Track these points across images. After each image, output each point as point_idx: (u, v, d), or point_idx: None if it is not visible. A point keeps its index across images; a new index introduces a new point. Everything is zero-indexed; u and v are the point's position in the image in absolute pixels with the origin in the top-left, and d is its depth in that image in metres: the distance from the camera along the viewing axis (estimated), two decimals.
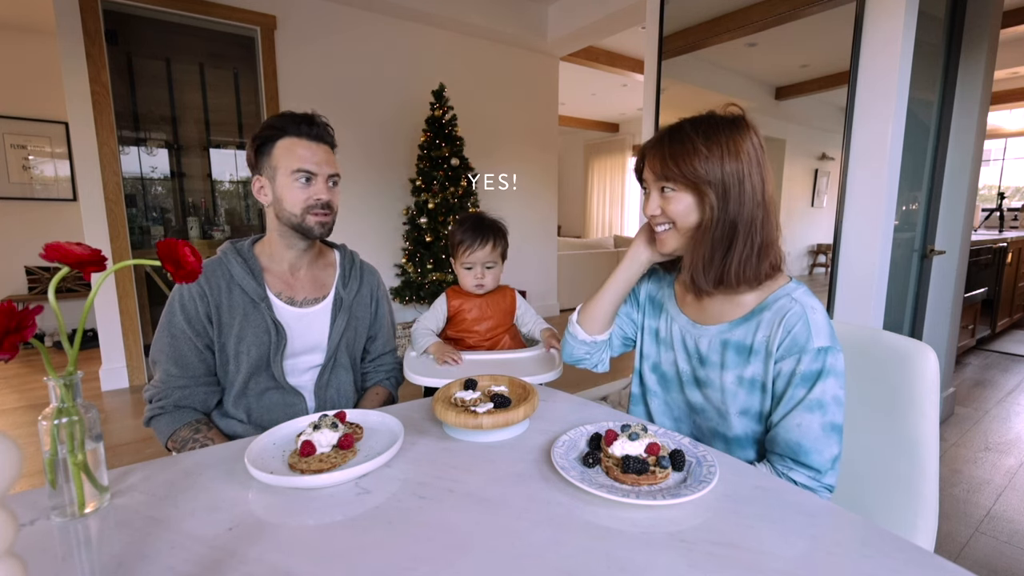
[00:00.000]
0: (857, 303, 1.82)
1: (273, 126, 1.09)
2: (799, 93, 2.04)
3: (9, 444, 0.33)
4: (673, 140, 0.86)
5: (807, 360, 0.80)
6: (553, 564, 0.52)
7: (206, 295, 1.09)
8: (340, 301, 1.21)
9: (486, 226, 1.46)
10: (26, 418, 2.66)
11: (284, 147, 1.08)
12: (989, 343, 4.12)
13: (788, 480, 0.80)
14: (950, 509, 1.87)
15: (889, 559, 0.52)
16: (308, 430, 0.74)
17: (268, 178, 1.11)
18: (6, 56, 3.88)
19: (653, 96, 2.43)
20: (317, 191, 1.10)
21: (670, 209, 0.87)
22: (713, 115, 0.87)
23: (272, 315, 1.11)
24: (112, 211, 2.95)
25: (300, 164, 1.08)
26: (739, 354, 0.87)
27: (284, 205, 1.10)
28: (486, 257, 1.44)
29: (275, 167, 1.09)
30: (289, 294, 1.17)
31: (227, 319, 1.09)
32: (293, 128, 1.09)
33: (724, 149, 0.82)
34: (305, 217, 1.10)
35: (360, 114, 3.72)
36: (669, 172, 0.85)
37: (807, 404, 0.80)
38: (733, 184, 0.83)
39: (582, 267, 5.69)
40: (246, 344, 1.09)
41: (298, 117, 1.10)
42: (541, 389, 1.06)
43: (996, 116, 6.02)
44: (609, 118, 8.28)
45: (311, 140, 1.10)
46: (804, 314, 0.82)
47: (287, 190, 1.09)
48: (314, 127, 1.11)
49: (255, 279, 1.12)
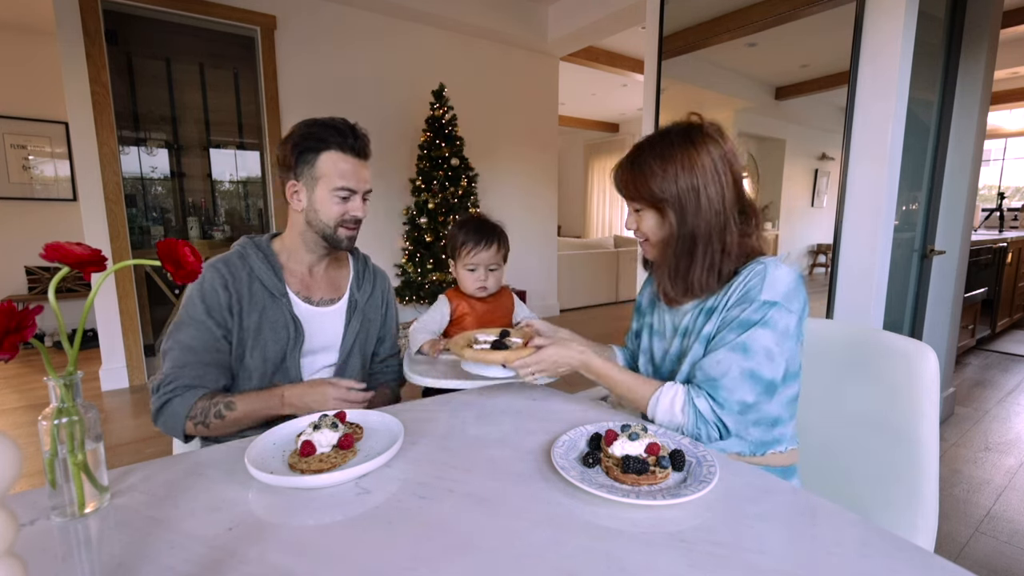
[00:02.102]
0: (857, 303, 1.82)
1: (318, 137, 1.08)
2: (799, 93, 2.04)
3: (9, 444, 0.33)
4: (632, 164, 0.92)
5: (750, 310, 0.83)
6: (553, 564, 0.52)
7: (228, 285, 1.08)
8: (355, 303, 1.23)
9: (489, 228, 1.44)
10: (26, 418, 2.66)
11: (328, 161, 1.09)
12: (989, 343, 4.12)
13: (691, 408, 0.83)
14: (950, 509, 1.87)
15: (889, 559, 0.52)
16: (308, 430, 0.74)
17: (306, 186, 1.11)
18: (6, 56, 3.88)
19: (653, 96, 2.43)
20: (354, 208, 1.12)
21: (642, 226, 0.95)
22: (670, 130, 0.91)
23: (291, 310, 1.12)
24: (112, 211, 2.95)
25: (343, 182, 1.09)
26: (704, 315, 0.91)
27: (320, 216, 1.11)
28: (490, 259, 1.42)
29: (316, 178, 1.09)
30: (306, 293, 1.18)
31: (247, 310, 1.09)
32: (339, 141, 1.08)
33: (678, 165, 0.87)
34: (337, 230, 1.13)
35: (360, 114, 3.69)
36: (631, 194, 0.93)
37: (732, 345, 0.83)
38: (689, 198, 0.87)
39: (582, 267, 5.69)
40: (263, 338, 1.09)
41: (343, 129, 1.09)
42: (541, 389, 1.06)
43: (996, 116, 6.02)
44: (609, 118, 8.28)
45: (355, 156, 1.11)
46: (764, 270, 0.85)
47: (325, 204, 1.10)
48: (358, 141, 1.11)
49: (276, 274, 1.13)
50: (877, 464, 0.91)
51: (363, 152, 1.13)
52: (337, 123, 1.10)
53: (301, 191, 1.11)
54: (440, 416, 0.91)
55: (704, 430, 0.82)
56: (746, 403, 0.82)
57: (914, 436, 0.86)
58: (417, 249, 3.74)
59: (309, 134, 1.09)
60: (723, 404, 0.82)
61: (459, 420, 0.90)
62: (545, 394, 1.03)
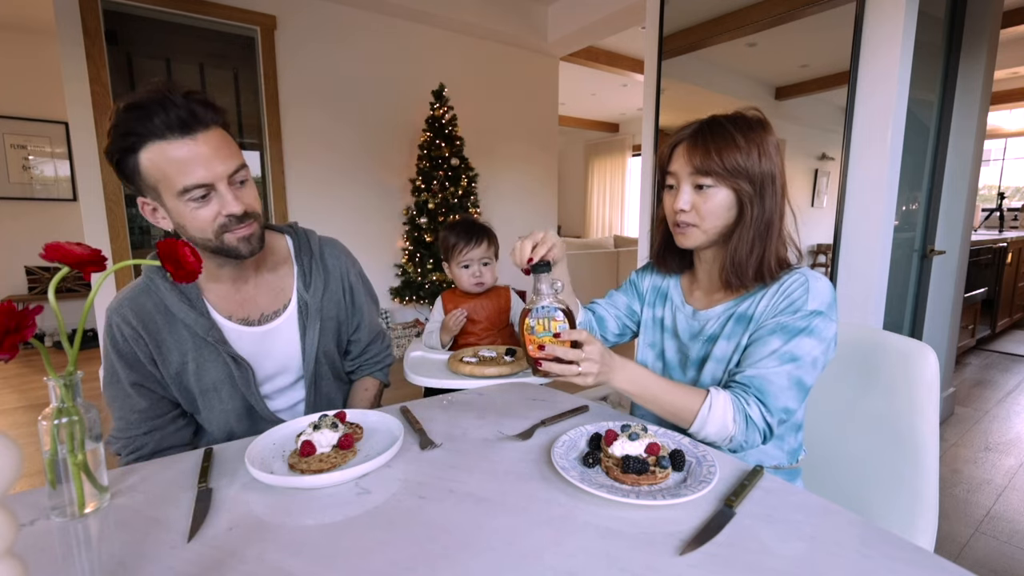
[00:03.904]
0: (857, 303, 1.82)
1: (124, 132, 0.78)
2: (799, 93, 2.04)
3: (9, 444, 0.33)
4: (714, 134, 0.84)
5: (796, 318, 0.82)
6: (553, 564, 0.52)
7: (141, 337, 0.88)
8: (305, 307, 1.00)
9: (477, 227, 1.51)
10: (26, 418, 2.66)
11: (152, 159, 0.79)
12: (989, 343, 4.12)
13: (742, 417, 0.79)
14: (950, 509, 1.87)
15: (889, 559, 0.52)
16: (308, 430, 0.74)
17: (155, 200, 0.84)
18: (6, 56, 3.88)
19: (653, 96, 2.43)
20: (224, 204, 0.83)
21: (704, 206, 0.85)
22: (741, 114, 0.87)
23: (228, 349, 0.92)
24: (112, 211, 2.95)
25: (184, 180, 0.79)
26: (739, 323, 0.88)
27: (189, 232, 0.85)
28: (482, 254, 1.48)
29: (154, 188, 0.82)
30: (242, 314, 0.96)
31: (176, 358, 0.91)
32: (153, 128, 0.77)
33: (759, 147, 0.83)
34: (223, 238, 0.85)
35: (360, 114, 3.72)
36: (712, 165, 0.83)
37: (781, 354, 0.81)
38: (768, 181, 0.84)
39: (582, 267, 5.69)
40: (210, 382, 0.93)
41: (153, 105, 0.77)
42: (541, 390, 1.06)
43: (996, 116, 6.02)
44: (609, 118, 8.28)
45: (183, 136, 0.78)
46: (807, 281, 0.84)
47: (184, 215, 0.83)
48: (174, 113, 0.77)
49: (194, 307, 0.91)
50: (877, 464, 0.91)
51: (194, 123, 0.79)
52: (140, 99, 0.78)
53: (158, 207, 0.85)
54: (440, 416, 0.91)
55: (752, 438, 0.80)
56: (790, 409, 0.81)
57: (914, 436, 0.86)
58: (417, 249, 3.74)
59: (116, 131, 0.79)
60: (772, 411, 0.80)
61: (459, 420, 0.90)
62: (545, 394, 1.03)
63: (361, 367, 1.17)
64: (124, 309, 0.88)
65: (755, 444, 0.81)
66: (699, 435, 0.81)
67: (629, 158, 8.22)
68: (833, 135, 1.85)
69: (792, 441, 0.92)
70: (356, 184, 3.77)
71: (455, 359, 1.24)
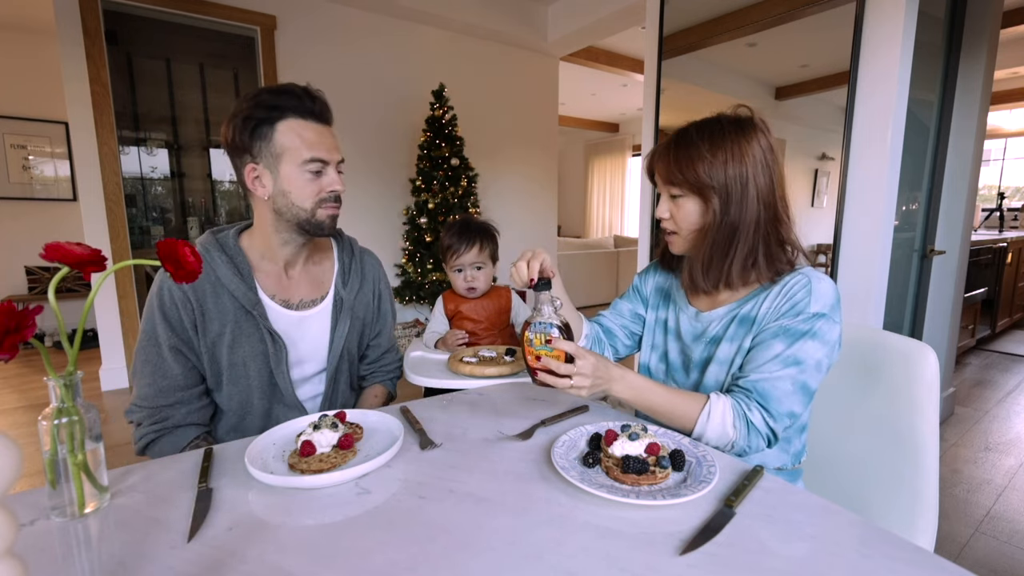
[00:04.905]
0: (857, 303, 1.82)
1: (270, 105, 0.92)
2: (799, 93, 2.04)
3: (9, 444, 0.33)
4: (679, 146, 0.87)
5: (798, 320, 0.81)
6: (553, 564, 0.52)
7: (189, 301, 0.95)
8: (340, 303, 1.09)
9: (473, 229, 1.49)
10: (26, 418, 2.66)
11: (288, 131, 0.93)
12: (989, 343, 4.12)
13: (743, 422, 0.79)
14: (950, 509, 1.87)
15: (889, 559, 0.52)
16: (308, 430, 0.74)
17: (268, 167, 0.95)
18: (6, 56, 3.88)
19: (653, 96, 2.43)
20: (331, 182, 0.98)
21: (678, 214, 0.90)
22: (720, 118, 0.88)
23: (267, 324, 0.98)
24: (112, 211, 2.95)
25: (312, 152, 0.94)
26: (742, 325, 0.88)
27: (292, 199, 0.96)
28: (474, 259, 1.46)
29: (278, 155, 0.94)
30: (284, 296, 1.03)
31: (216, 327, 0.96)
32: (296, 107, 0.94)
33: (728, 153, 0.83)
34: (316, 212, 0.98)
35: (360, 114, 3.72)
36: (674, 177, 0.87)
37: (784, 358, 0.81)
38: (736, 188, 0.84)
39: (582, 267, 5.69)
40: (241, 356, 0.97)
41: (299, 92, 0.94)
42: (541, 390, 1.06)
43: (996, 116, 6.02)
44: (609, 118, 8.28)
45: (317, 121, 0.96)
46: (809, 283, 0.83)
47: (295, 183, 0.95)
48: (316, 103, 0.96)
49: (244, 281, 0.98)
50: (877, 464, 0.91)
51: (325, 116, 0.98)
52: (293, 87, 0.95)
53: (263, 174, 0.96)
54: (440, 416, 0.91)
55: (755, 443, 0.80)
56: (795, 414, 0.81)
57: (914, 436, 0.86)
58: (417, 249, 3.74)
59: (259, 103, 0.93)
60: (776, 417, 0.80)
61: (459, 420, 0.90)
62: (545, 394, 1.03)
63: (374, 373, 1.23)
64: None
65: (759, 449, 0.81)
66: (700, 441, 0.81)
67: (629, 158, 8.22)
68: (833, 135, 1.85)
69: (797, 443, 0.92)
70: (356, 184, 3.77)
71: (455, 359, 1.24)
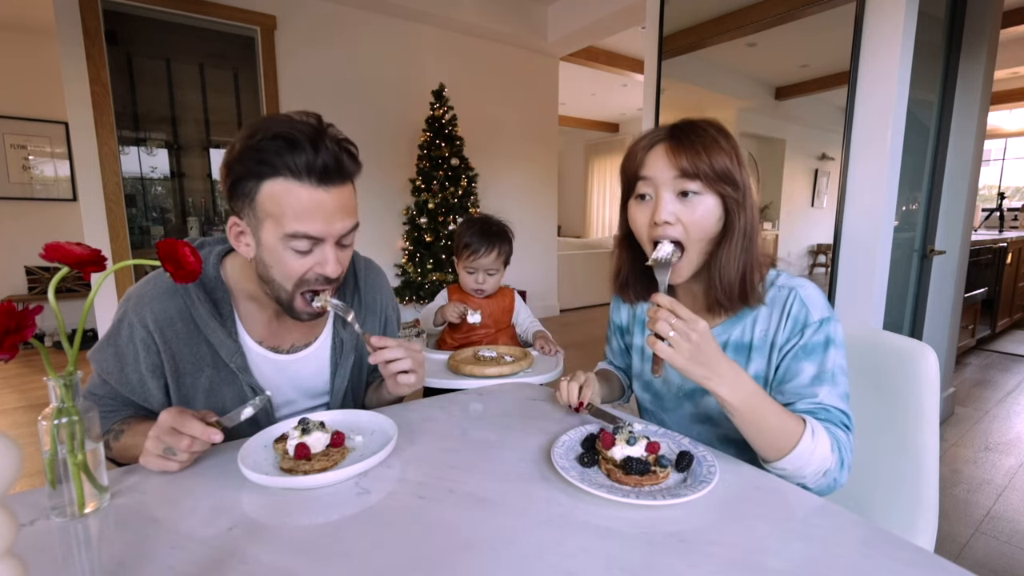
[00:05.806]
0: (857, 303, 1.82)
1: (258, 159, 0.72)
2: (799, 93, 2.04)
3: (9, 444, 0.33)
4: (696, 133, 0.74)
5: (809, 333, 0.77)
6: (553, 564, 0.52)
7: (153, 343, 0.80)
8: (341, 344, 0.96)
9: (493, 232, 1.47)
10: (26, 418, 2.66)
11: (274, 195, 0.73)
12: (989, 343, 4.12)
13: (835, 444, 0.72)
14: (950, 509, 1.87)
15: (889, 559, 0.52)
16: (296, 435, 0.72)
17: (251, 227, 0.77)
18: (6, 56, 3.88)
19: (653, 96, 2.43)
20: (321, 262, 0.77)
21: (690, 217, 0.75)
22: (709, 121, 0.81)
23: (248, 379, 0.85)
24: (112, 211, 2.95)
25: (299, 226, 0.73)
26: (739, 353, 0.83)
27: (271, 273, 0.79)
28: (490, 264, 1.45)
29: (259, 219, 0.75)
30: (273, 342, 0.90)
31: (190, 369, 0.83)
32: (292, 165, 0.72)
33: (737, 151, 0.76)
34: (295, 297, 0.80)
35: (360, 114, 3.72)
36: (701, 166, 0.72)
37: (819, 377, 0.76)
38: (747, 189, 0.77)
39: (582, 267, 5.69)
40: (220, 400, 0.85)
41: (298, 140, 0.71)
42: (541, 390, 1.06)
43: (996, 116, 6.02)
44: (609, 118, 8.28)
45: (318, 183, 0.73)
46: (796, 294, 0.80)
47: (276, 256, 0.76)
48: (319, 157, 0.72)
49: (224, 326, 0.83)
50: (877, 464, 0.91)
51: (333, 176, 0.75)
52: (294, 130, 0.72)
53: (246, 233, 0.78)
54: (440, 416, 0.91)
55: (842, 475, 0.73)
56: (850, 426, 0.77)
57: (914, 436, 0.86)
58: (417, 249, 3.74)
59: (248, 151, 0.72)
60: (852, 429, 0.75)
61: (459, 420, 0.90)
62: (545, 394, 1.03)
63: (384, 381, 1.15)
64: (143, 310, 0.80)
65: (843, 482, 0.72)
66: (790, 467, 0.69)
67: None
68: (833, 135, 1.85)
69: None
70: (356, 184, 3.77)
71: (455, 359, 1.24)
